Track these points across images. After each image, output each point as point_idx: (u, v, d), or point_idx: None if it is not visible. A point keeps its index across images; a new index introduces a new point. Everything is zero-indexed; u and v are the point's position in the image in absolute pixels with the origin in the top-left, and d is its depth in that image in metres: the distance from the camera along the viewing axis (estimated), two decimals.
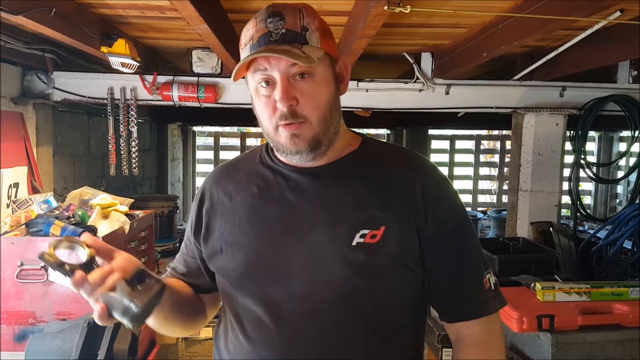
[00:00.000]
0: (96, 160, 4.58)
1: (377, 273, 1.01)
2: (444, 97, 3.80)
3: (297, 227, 1.03)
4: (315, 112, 1.00)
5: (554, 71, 3.67)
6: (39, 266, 2.39)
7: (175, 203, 5.25)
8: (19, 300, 2.42)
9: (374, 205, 1.03)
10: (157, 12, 2.75)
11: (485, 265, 1.10)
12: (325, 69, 1.01)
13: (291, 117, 0.98)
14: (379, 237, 1.00)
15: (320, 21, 1.02)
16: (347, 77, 1.08)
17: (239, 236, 1.08)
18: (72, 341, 1.88)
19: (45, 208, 2.73)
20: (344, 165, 1.08)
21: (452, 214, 1.08)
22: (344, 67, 1.07)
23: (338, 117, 1.06)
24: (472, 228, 1.11)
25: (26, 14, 2.13)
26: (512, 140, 4.12)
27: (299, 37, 0.98)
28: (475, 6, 2.56)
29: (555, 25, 2.29)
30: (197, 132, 8.36)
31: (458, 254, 1.07)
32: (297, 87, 0.98)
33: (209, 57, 3.66)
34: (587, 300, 2.50)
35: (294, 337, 1.03)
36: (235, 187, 1.14)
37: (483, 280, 1.08)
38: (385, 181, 1.06)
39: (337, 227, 1.01)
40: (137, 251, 2.97)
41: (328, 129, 1.02)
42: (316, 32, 0.99)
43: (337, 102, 1.05)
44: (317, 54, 0.97)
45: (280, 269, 1.03)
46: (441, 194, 1.08)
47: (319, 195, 1.05)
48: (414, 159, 1.12)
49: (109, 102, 3.67)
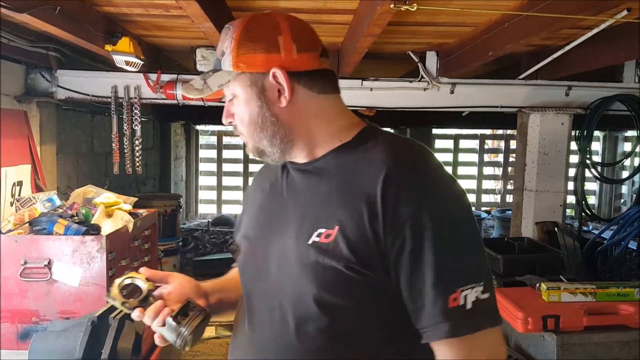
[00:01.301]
0: (99, 159, 4.58)
1: (323, 274, 0.96)
2: (449, 96, 3.78)
3: (283, 224, 1.05)
4: (243, 129, 1.06)
5: (559, 70, 3.66)
6: (43, 264, 2.39)
7: (178, 202, 5.25)
8: (23, 298, 2.42)
9: (334, 202, 0.99)
10: (162, 10, 2.74)
11: (461, 279, 0.93)
12: (243, 88, 1.03)
13: (235, 130, 1.08)
14: (332, 237, 0.96)
15: (239, 38, 1.00)
16: (285, 86, 1.01)
17: (248, 230, 1.16)
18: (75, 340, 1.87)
19: (49, 206, 2.73)
20: (326, 161, 1.05)
21: (415, 216, 0.92)
22: (277, 77, 1.01)
23: (275, 128, 1.04)
24: (446, 230, 0.95)
25: (30, 12, 2.12)
26: (517, 140, 4.10)
27: (217, 64, 1.04)
28: (482, 5, 2.55)
29: (562, 24, 2.28)
30: (200, 130, 8.36)
31: (413, 263, 0.93)
32: (234, 106, 1.06)
33: (212, 56, 3.65)
34: (592, 300, 2.49)
35: (258, 335, 1.07)
36: (261, 183, 1.21)
37: (448, 297, 0.91)
38: (353, 178, 1.00)
39: (303, 224, 1.01)
40: (141, 250, 2.97)
41: (261, 141, 1.05)
42: (229, 55, 1.01)
43: (265, 117, 1.03)
44: (221, 80, 1.03)
45: (264, 265, 1.06)
46: (405, 193, 0.93)
47: (300, 192, 1.07)
48: (395, 152, 1.00)
49: (112, 101, 3.67)
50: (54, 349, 1.93)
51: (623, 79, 3.94)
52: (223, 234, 6.96)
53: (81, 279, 2.41)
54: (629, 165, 7.44)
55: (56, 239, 2.42)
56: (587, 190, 7.95)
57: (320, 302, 0.97)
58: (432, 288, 0.92)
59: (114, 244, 2.50)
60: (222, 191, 8.52)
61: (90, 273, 2.41)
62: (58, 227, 2.45)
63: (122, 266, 2.62)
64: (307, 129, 1.06)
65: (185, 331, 1.03)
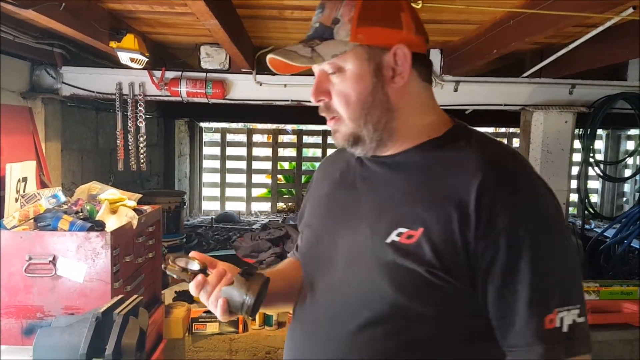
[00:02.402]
0: (104, 155, 4.59)
1: (401, 276, 0.90)
2: (453, 94, 3.79)
3: (354, 216, 1.00)
4: (345, 109, 0.95)
5: (563, 68, 3.65)
6: (47, 260, 2.40)
7: (182, 198, 5.28)
8: (27, 294, 2.43)
9: (418, 201, 0.93)
10: (166, 7, 2.75)
11: (559, 300, 0.86)
12: (358, 62, 0.94)
13: (327, 111, 0.98)
14: (415, 239, 0.90)
15: (363, 8, 0.93)
16: (403, 67, 0.95)
17: (313, 218, 1.12)
18: (80, 335, 1.87)
19: (53, 202, 2.73)
20: (410, 155, 0.98)
21: (511, 227, 0.86)
22: (399, 56, 0.94)
23: (382, 111, 0.96)
24: (545, 246, 0.87)
25: (36, 8, 2.13)
26: (521, 138, 4.10)
27: (325, 32, 0.94)
28: (487, 2, 2.54)
29: (568, 21, 2.27)
30: (204, 128, 8.38)
31: (506, 277, 0.87)
32: (331, 82, 0.96)
33: (217, 53, 3.66)
34: (595, 299, 2.49)
35: (319, 331, 1.01)
36: (330, 172, 1.15)
37: (544, 318, 0.85)
38: (441, 179, 0.93)
39: (380, 221, 0.95)
40: (145, 246, 2.98)
41: (366, 125, 0.95)
42: (348, 24, 0.92)
43: (376, 97, 0.95)
44: (337, 50, 0.92)
45: (328, 257, 1.02)
46: (502, 201, 0.87)
47: (377, 185, 1.01)
48: (492, 156, 0.94)
49: (117, 97, 3.68)
50: (58, 344, 1.94)
51: (627, 77, 3.92)
52: (226, 230, 6.98)
53: (86, 275, 2.42)
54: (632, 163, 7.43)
55: (61, 235, 2.42)
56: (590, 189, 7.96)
57: (395, 304, 0.91)
58: (527, 306, 0.86)
59: (118, 240, 2.51)
60: (226, 188, 8.54)
61: (95, 269, 2.41)
62: (63, 223, 2.46)
63: (126, 262, 2.63)
64: (406, 118, 0.98)
65: (255, 287, 0.96)
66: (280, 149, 8.82)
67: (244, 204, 8.56)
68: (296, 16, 2.87)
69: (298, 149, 8.58)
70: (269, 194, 8.71)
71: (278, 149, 8.57)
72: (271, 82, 3.78)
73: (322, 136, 8.49)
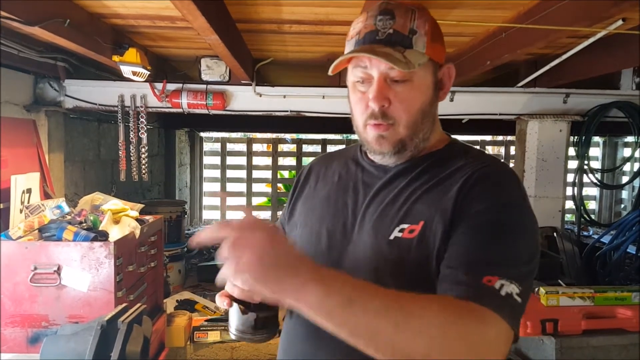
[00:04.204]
0: (106, 166, 4.64)
1: (409, 274, 0.94)
2: (449, 104, 3.85)
3: (356, 219, 1.05)
4: (405, 115, 0.99)
5: (557, 78, 3.71)
6: (52, 270, 2.44)
7: (183, 208, 5.31)
8: (33, 303, 2.47)
9: (419, 199, 0.99)
10: (168, 22, 2.81)
11: (505, 271, 0.86)
12: (426, 74, 1.00)
13: (381, 117, 0.99)
14: (416, 232, 0.95)
15: (432, 25, 1.00)
16: (448, 84, 1.05)
17: (310, 218, 1.14)
18: (86, 343, 1.91)
19: (57, 213, 2.77)
20: (414, 164, 1.05)
21: (482, 210, 0.92)
22: (447, 74, 1.05)
23: (430, 124, 1.04)
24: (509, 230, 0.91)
25: (42, 25, 2.19)
26: (516, 146, 4.15)
27: (404, 40, 0.96)
28: (480, 16, 2.60)
29: (558, 34, 2.33)
30: (204, 137, 8.42)
31: (465, 237, 0.91)
32: (392, 89, 0.98)
33: (217, 65, 3.72)
34: (590, 304, 2.53)
35: (319, 329, 0.94)
36: (323, 174, 1.20)
37: (484, 276, 0.85)
38: (440, 181, 1.00)
39: (384, 221, 1.00)
40: (147, 255, 3.02)
41: (416, 134, 1.01)
42: (424, 37, 0.97)
43: (431, 109, 1.03)
44: (420, 60, 0.96)
45: (331, 258, 1.05)
46: (478, 188, 0.95)
47: (379, 190, 1.06)
48: (484, 162, 1.01)
49: (119, 110, 3.73)
50: (64, 352, 1.97)
51: (621, 86, 3.99)
52: None
53: (90, 284, 2.46)
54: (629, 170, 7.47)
55: (65, 245, 2.47)
56: (588, 196, 7.99)
57: None
58: (474, 263, 0.87)
59: (121, 250, 2.55)
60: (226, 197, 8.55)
61: (99, 278, 2.46)
62: (67, 234, 2.50)
63: (129, 271, 2.67)
64: (430, 130, 1.06)
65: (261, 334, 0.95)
66: (280, 158, 8.85)
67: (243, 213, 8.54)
68: (294, 30, 2.93)
69: (298, 157, 8.62)
70: (269, 202, 8.73)
71: (278, 158, 8.60)
72: (271, 94, 3.83)
73: (321, 145, 8.54)
